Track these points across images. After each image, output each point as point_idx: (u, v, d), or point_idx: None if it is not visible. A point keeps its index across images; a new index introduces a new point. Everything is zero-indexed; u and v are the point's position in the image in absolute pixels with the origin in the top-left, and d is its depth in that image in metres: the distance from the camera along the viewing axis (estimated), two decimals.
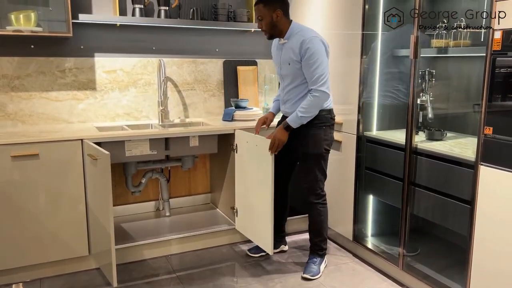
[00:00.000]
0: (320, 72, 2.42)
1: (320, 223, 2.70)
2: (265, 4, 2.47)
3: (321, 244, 2.75)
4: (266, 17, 2.48)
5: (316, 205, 2.67)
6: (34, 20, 2.69)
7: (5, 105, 2.84)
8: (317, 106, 2.47)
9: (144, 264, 2.81)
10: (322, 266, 2.74)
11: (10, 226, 2.45)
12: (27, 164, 2.43)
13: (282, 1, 2.50)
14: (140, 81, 3.18)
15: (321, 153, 2.58)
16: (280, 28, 2.51)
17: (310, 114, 2.47)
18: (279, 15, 2.47)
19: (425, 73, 2.62)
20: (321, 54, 2.43)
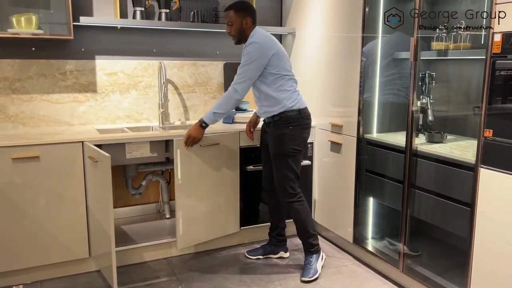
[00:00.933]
0: (241, 72, 2.51)
1: (301, 221, 2.71)
2: (236, 10, 2.57)
3: (310, 240, 2.74)
4: (236, 23, 2.57)
5: (292, 204, 2.68)
6: (35, 22, 2.70)
7: (6, 107, 2.85)
8: (228, 102, 2.54)
9: (145, 266, 2.81)
10: (319, 263, 2.73)
11: (10, 228, 2.45)
12: (28, 166, 2.43)
13: (252, 10, 2.62)
14: (140, 83, 3.18)
15: (286, 153, 2.60)
16: (246, 34, 2.59)
17: (222, 110, 2.55)
18: (248, 22, 2.57)
19: (425, 75, 2.63)
20: (252, 57, 2.49)
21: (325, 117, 3.06)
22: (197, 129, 2.58)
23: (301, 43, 3.34)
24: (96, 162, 2.35)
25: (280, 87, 2.56)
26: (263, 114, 2.68)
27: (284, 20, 3.54)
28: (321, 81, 3.09)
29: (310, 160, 3.21)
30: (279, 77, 2.55)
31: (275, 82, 2.55)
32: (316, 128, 3.17)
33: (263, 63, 2.50)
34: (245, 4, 2.62)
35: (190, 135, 2.58)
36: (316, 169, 3.23)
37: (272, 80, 2.55)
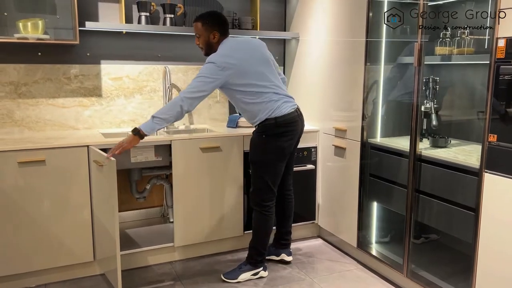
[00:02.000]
0: (193, 82, 2.41)
1: (255, 231, 2.68)
2: (203, 23, 2.51)
3: (253, 254, 2.69)
4: (203, 36, 2.53)
5: (256, 212, 2.65)
6: (41, 28, 2.73)
7: (13, 111, 2.87)
8: (172, 109, 2.37)
9: (149, 270, 2.82)
10: (246, 274, 2.67)
11: (16, 231, 2.47)
12: (33, 170, 2.45)
13: (220, 23, 2.54)
14: (145, 88, 3.20)
15: (255, 161, 2.59)
16: (215, 48, 2.52)
17: (163, 115, 2.36)
18: (216, 36, 2.52)
19: (429, 80, 2.63)
20: (205, 72, 2.40)
21: (329, 122, 3.07)
22: (130, 138, 2.38)
23: (305, 47, 3.35)
24: (101, 166, 2.36)
25: (251, 101, 2.49)
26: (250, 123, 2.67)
27: (288, 24, 3.56)
28: (325, 86, 3.10)
29: (314, 164, 3.22)
30: (247, 93, 2.48)
31: (245, 97, 2.49)
32: (320, 132, 3.18)
33: (216, 84, 2.42)
34: (213, 17, 2.54)
35: (122, 143, 2.39)
36: (320, 173, 3.23)
37: (242, 96, 2.50)
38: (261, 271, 2.72)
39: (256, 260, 2.69)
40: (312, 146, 3.19)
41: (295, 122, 2.58)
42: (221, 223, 2.97)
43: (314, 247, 3.20)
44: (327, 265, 2.92)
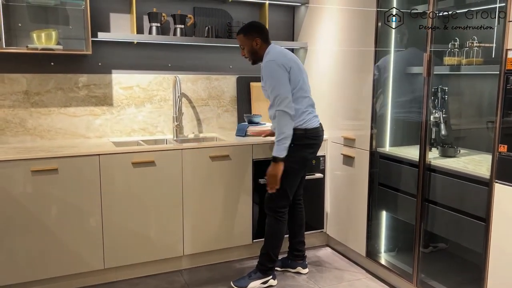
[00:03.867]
0: (276, 93, 2.50)
1: (267, 235, 2.71)
2: (245, 34, 2.66)
3: (265, 260, 2.71)
4: (247, 45, 2.67)
5: (270, 217, 2.69)
6: (54, 38, 2.77)
7: (25, 120, 2.91)
8: (283, 125, 2.49)
9: (158, 278, 2.83)
10: (256, 283, 2.68)
11: (27, 239, 2.49)
12: (46, 178, 2.48)
13: (260, 30, 2.67)
14: (155, 97, 3.24)
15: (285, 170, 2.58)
16: (260, 54, 2.67)
17: (283, 135, 2.49)
18: (258, 43, 2.65)
19: (438, 90, 2.65)
20: (274, 77, 2.51)
21: (338, 131, 3.08)
22: (274, 167, 2.53)
23: (313, 57, 3.38)
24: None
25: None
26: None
27: (296, 34, 3.59)
28: (334, 95, 3.12)
29: (322, 173, 3.23)
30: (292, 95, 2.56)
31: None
32: (328, 141, 3.20)
33: (286, 77, 2.53)
34: (252, 26, 2.69)
35: (270, 176, 2.55)
36: (328, 182, 3.24)
37: None
38: (271, 280, 2.72)
39: (267, 267, 2.71)
40: (320, 155, 3.21)
41: (321, 136, 2.74)
42: (230, 231, 2.99)
43: (322, 256, 3.20)
44: (336, 274, 2.92)
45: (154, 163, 2.73)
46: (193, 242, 2.91)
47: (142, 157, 2.70)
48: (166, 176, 2.77)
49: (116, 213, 2.67)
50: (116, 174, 2.64)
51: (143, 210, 2.74)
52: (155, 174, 2.74)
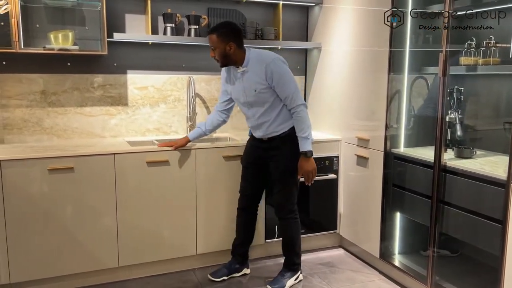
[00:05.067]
0: (293, 90, 2.51)
1: (292, 238, 2.72)
2: (218, 35, 2.47)
3: (294, 259, 2.75)
4: (219, 48, 2.48)
5: (290, 220, 2.69)
6: (71, 39, 2.82)
7: (42, 120, 2.96)
8: (307, 119, 2.55)
9: (171, 277, 2.85)
10: (291, 281, 2.73)
11: (44, 237, 2.53)
12: (63, 177, 2.52)
13: (235, 34, 2.50)
14: (170, 97, 3.26)
15: (294, 169, 2.61)
16: (233, 58, 2.51)
17: (310, 128, 2.54)
18: (233, 47, 2.48)
19: (453, 90, 2.62)
20: (287, 72, 2.52)
21: (351, 131, 3.07)
22: (309, 162, 2.54)
23: (327, 57, 3.37)
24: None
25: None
26: (268, 134, 2.60)
27: (310, 34, 3.59)
28: (347, 95, 3.11)
29: (336, 173, 3.22)
30: None
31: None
32: (342, 142, 3.18)
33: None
34: (229, 28, 2.50)
35: (307, 171, 2.55)
36: (342, 183, 3.23)
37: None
38: (300, 274, 2.79)
39: (295, 263, 2.75)
40: (334, 156, 3.20)
41: None
42: None
43: (335, 257, 3.19)
44: (349, 275, 2.91)
45: (168, 163, 2.75)
46: (206, 241, 2.92)
47: (157, 156, 2.72)
48: (179, 175, 2.79)
49: (131, 211, 2.70)
50: (131, 173, 2.67)
51: (157, 209, 2.76)
52: (169, 174, 2.76)
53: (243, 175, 2.79)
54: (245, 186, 2.79)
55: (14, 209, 2.45)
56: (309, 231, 3.22)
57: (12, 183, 2.43)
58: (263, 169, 2.69)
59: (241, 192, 2.81)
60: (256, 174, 2.73)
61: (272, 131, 2.59)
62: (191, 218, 2.86)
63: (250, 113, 2.63)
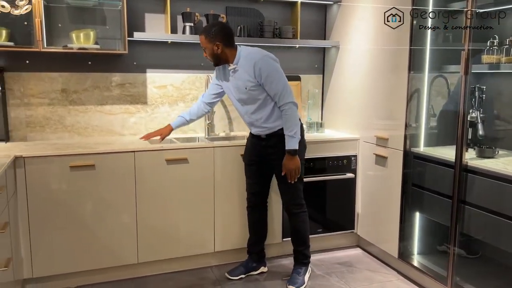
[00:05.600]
0: (282, 87, 2.51)
1: (303, 231, 2.75)
2: (206, 36, 2.52)
3: (305, 252, 2.78)
4: (207, 48, 2.54)
5: (299, 214, 2.72)
6: (92, 38, 2.86)
7: (64, 118, 3.01)
8: (295, 116, 2.53)
9: (190, 274, 2.87)
10: (307, 276, 2.77)
11: (66, 233, 2.58)
12: (84, 174, 2.56)
13: (222, 34, 2.52)
14: (188, 96, 3.29)
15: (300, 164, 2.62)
16: (223, 57, 2.55)
17: (296, 127, 2.53)
18: (219, 47, 2.51)
19: (475, 89, 2.58)
20: (276, 70, 2.52)
21: (370, 130, 3.05)
22: (293, 160, 2.54)
23: (345, 55, 3.36)
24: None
25: None
26: (264, 131, 2.62)
27: (328, 33, 3.57)
28: (366, 94, 3.09)
29: (354, 173, 3.20)
30: None
31: None
32: (360, 140, 3.17)
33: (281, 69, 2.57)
34: (215, 29, 2.52)
35: (290, 169, 2.55)
36: (360, 182, 3.21)
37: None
38: (310, 268, 2.84)
39: (307, 256, 2.78)
40: (352, 155, 3.18)
41: None
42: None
43: (353, 257, 3.17)
44: (367, 275, 2.89)
45: (187, 160, 2.77)
46: (224, 239, 2.94)
47: (176, 154, 2.75)
48: (198, 173, 2.81)
49: (150, 208, 2.73)
50: (150, 170, 2.70)
51: (175, 206, 2.79)
52: (188, 171, 2.78)
53: (246, 172, 2.82)
54: (251, 184, 2.81)
55: (37, 205, 2.50)
56: (326, 231, 3.22)
57: (35, 179, 2.48)
58: (265, 166, 2.71)
59: (248, 190, 2.84)
60: (259, 171, 2.75)
61: (267, 127, 2.61)
62: (209, 216, 2.88)
63: (243, 110, 2.66)
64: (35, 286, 2.61)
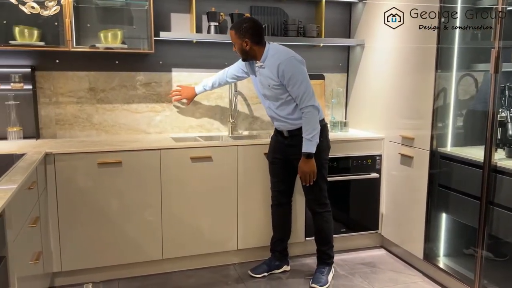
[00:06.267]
0: (304, 90, 2.50)
1: (327, 230, 2.75)
2: (236, 32, 2.57)
3: (329, 252, 2.78)
4: (237, 43, 2.59)
5: (323, 214, 2.72)
6: (120, 38, 2.91)
7: (92, 116, 3.08)
8: (314, 120, 2.52)
9: (213, 271, 2.90)
10: (330, 276, 2.76)
11: (93, 228, 2.64)
12: (111, 171, 2.62)
13: (252, 31, 2.54)
14: (212, 94, 3.32)
15: (321, 164, 2.63)
16: (251, 54, 2.59)
17: (315, 131, 2.51)
18: (248, 43, 2.55)
19: (505, 88, 2.52)
20: (300, 73, 2.51)
21: (395, 130, 3.01)
22: (308, 163, 2.53)
23: (370, 54, 3.32)
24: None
25: None
26: (286, 127, 2.65)
27: (352, 31, 3.54)
28: (391, 93, 3.05)
29: (378, 173, 3.17)
30: None
31: None
32: (385, 140, 3.13)
33: (307, 72, 2.57)
34: (244, 25, 2.55)
35: (305, 172, 2.55)
36: (384, 182, 3.17)
37: None
38: (333, 268, 2.84)
39: (331, 256, 2.78)
40: (376, 154, 3.15)
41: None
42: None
43: (376, 257, 3.14)
44: (391, 276, 2.86)
45: (211, 159, 2.79)
46: (247, 237, 2.96)
47: (200, 152, 2.78)
48: (222, 171, 2.83)
49: (175, 205, 2.77)
50: (175, 168, 2.73)
51: (199, 203, 2.82)
52: (212, 169, 2.81)
53: (270, 170, 2.83)
54: (275, 182, 2.82)
55: (66, 200, 2.57)
56: (350, 231, 3.20)
57: (64, 175, 2.55)
58: (288, 164, 2.71)
59: (272, 188, 2.85)
60: (283, 169, 2.76)
61: (288, 122, 2.62)
62: (232, 214, 2.90)
63: (266, 104, 2.72)
64: (64, 279, 2.68)
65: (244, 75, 2.95)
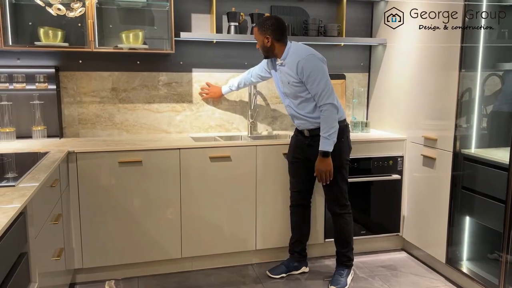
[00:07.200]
0: (322, 87, 2.48)
1: (347, 232, 2.71)
2: (258, 28, 2.60)
3: (348, 254, 2.75)
4: (259, 40, 2.62)
5: (343, 215, 2.69)
6: (141, 38, 2.95)
7: (113, 115, 3.13)
8: (332, 118, 2.49)
9: (232, 271, 2.90)
10: (349, 278, 2.74)
11: (113, 226, 2.68)
12: (132, 169, 2.65)
13: (274, 28, 2.56)
14: (232, 94, 3.32)
15: (342, 165, 2.61)
16: (273, 51, 2.61)
17: (333, 129, 2.49)
18: (269, 40, 2.57)
19: None
20: (319, 70, 2.50)
21: (418, 130, 2.96)
22: (325, 162, 2.52)
23: (392, 53, 3.27)
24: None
25: None
26: (306, 124, 2.63)
27: (374, 31, 3.49)
28: (414, 93, 3.00)
29: (400, 174, 3.11)
30: None
31: None
32: (407, 141, 3.08)
33: (327, 70, 2.56)
34: (267, 22, 2.57)
35: (321, 171, 2.54)
36: (406, 184, 3.12)
37: None
38: (352, 270, 2.80)
39: (350, 258, 2.76)
40: (398, 155, 3.10)
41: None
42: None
43: (397, 260, 3.09)
44: (412, 279, 2.80)
45: (230, 158, 2.80)
46: (265, 237, 2.95)
47: (219, 152, 2.78)
48: (241, 171, 2.83)
49: (194, 205, 2.78)
50: (195, 167, 2.75)
51: (218, 203, 2.83)
52: (231, 169, 2.81)
53: (290, 171, 2.81)
54: (294, 182, 2.80)
55: (87, 198, 2.62)
56: (370, 233, 3.15)
57: (86, 174, 2.59)
58: (308, 164, 2.68)
59: (291, 188, 2.83)
60: (302, 170, 2.73)
61: (309, 122, 2.61)
62: (251, 214, 2.90)
63: (286, 102, 2.72)
64: (85, 276, 2.73)
65: (268, 75, 2.94)
